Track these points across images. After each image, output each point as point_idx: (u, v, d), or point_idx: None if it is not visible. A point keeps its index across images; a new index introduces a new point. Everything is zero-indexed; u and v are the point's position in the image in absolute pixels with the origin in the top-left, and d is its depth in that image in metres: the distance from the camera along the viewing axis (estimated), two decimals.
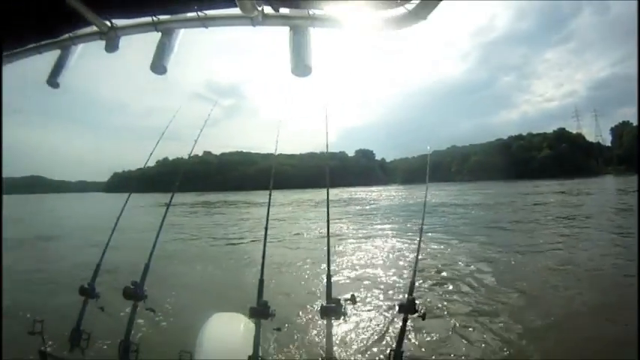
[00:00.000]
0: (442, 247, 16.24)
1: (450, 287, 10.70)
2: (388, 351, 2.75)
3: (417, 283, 3.11)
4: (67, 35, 2.36)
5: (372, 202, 51.42)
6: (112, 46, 2.25)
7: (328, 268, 3.20)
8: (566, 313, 8.30)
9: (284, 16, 2.00)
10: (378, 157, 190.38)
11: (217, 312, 3.68)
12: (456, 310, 8.96)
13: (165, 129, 4.32)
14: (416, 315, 2.89)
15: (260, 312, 2.80)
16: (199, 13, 2.05)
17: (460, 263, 13.36)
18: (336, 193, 73.41)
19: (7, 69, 2.73)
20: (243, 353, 3.01)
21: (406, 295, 3.02)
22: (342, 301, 2.74)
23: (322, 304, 2.79)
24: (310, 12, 1.93)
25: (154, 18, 2.16)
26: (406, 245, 17.60)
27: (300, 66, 1.93)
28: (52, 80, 2.44)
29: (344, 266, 13.62)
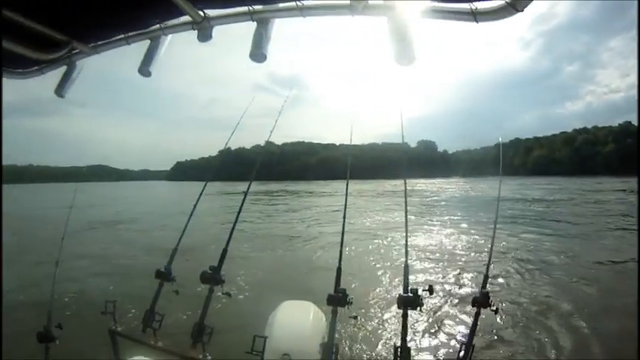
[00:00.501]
0: (509, 241, 15.86)
1: (519, 282, 10.51)
2: (459, 343, 2.68)
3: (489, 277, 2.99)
4: (157, 26, 2.42)
5: (434, 194, 50.66)
6: (205, 36, 2.29)
7: (406, 258, 3.12)
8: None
9: (383, 6, 1.97)
10: (440, 149, 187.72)
11: (288, 299, 3.65)
12: (527, 306, 8.76)
13: (237, 123, 4.31)
14: (489, 309, 2.81)
15: (337, 299, 2.75)
16: (298, 3, 2.05)
17: (528, 258, 13.03)
18: (395, 184, 72.64)
19: (89, 61, 2.82)
20: (313, 341, 2.99)
21: (479, 289, 2.94)
22: (419, 291, 2.65)
23: (400, 294, 2.69)
24: (409, 3, 1.91)
25: (250, 8, 2.18)
26: (474, 237, 17.51)
27: (405, 55, 1.90)
28: (144, 69, 2.50)
29: (416, 257, 13.59)
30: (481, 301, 2.80)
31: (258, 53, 2.20)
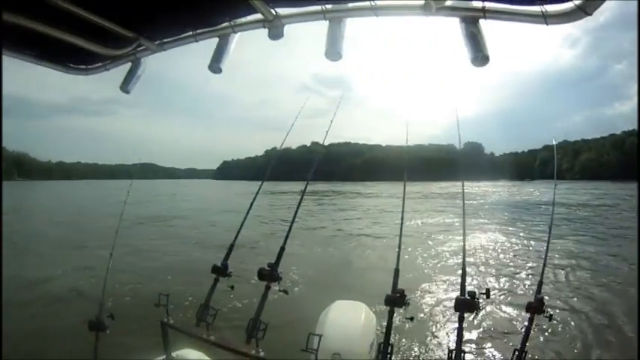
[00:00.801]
0: (561, 246, 15.45)
1: (573, 288, 10.29)
2: (512, 349, 2.63)
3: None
4: (227, 23, 2.45)
5: (481, 197, 49.75)
6: (276, 34, 2.32)
7: (464, 262, 3.10)
8: None
9: (457, 7, 1.97)
10: (486, 151, 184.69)
11: (339, 298, 3.64)
12: (582, 314, 8.55)
13: (290, 128, 4.30)
14: (542, 315, 2.74)
15: (395, 300, 2.70)
16: (371, 3, 2.05)
17: (583, 265, 12.82)
18: (441, 186, 71.86)
19: (150, 60, 2.88)
20: (364, 342, 3.04)
21: (534, 294, 2.87)
22: (477, 295, 2.62)
23: (457, 296, 2.67)
24: (481, 4, 1.89)
25: (323, 7, 2.18)
26: (524, 241, 17.30)
27: (479, 57, 1.91)
28: (215, 66, 2.53)
29: (468, 260, 13.36)
30: (535, 306, 2.74)
31: (334, 52, 2.21)
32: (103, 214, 26.95)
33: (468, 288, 2.67)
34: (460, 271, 2.95)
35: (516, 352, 2.60)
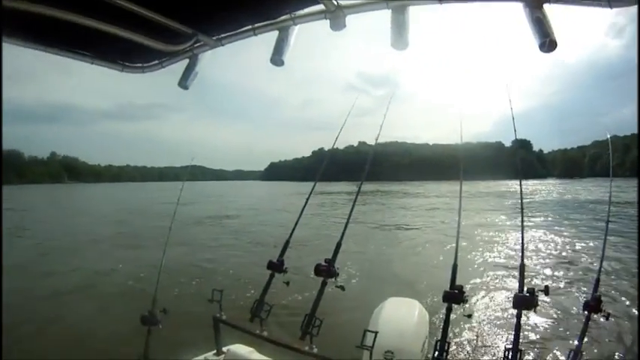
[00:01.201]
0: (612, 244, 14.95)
1: (629, 287, 9.92)
2: (568, 349, 2.56)
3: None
4: (287, 15, 2.44)
5: (529, 196, 48.62)
6: (338, 25, 2.30)
7: (522, 258, 2.97)
8: None
9: None
10: (535, 148, 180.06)
11: (392, 295, 3.62)
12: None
13: (341, 128, 4.27)
14: (600, 315, 2.62)
15: (454, 296, 2.62)
16: None
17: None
18: (489, 185, 70.59)
19: (206, 56, 2.91)
20: (417, 340, 3.02)
21: (591, 292, 2.76)
22: (536, 291, 2.52)
23: (516, 293, 2.58)
24: None
25: None
26: (577, 239, 17.12)
27: (546, 42, 1.86)
28: (277, 58, 2.52)
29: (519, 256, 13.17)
30: (592, 305, 2.63)
31: (400, 41, 2.18)
32: (156, 214, 27.56)
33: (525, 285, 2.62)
34: (517, 268, 2.88)
35: (572, 353, 2.50)
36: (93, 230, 22.48)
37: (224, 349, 3.42)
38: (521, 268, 2.81)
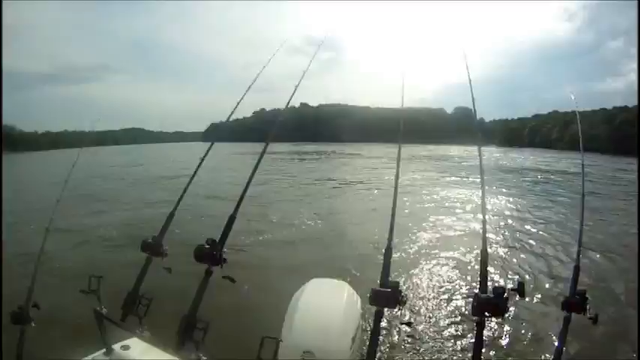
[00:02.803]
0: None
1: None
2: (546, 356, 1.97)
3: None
4: None
5: (463, 159, 48.95)
6: None
7: (485, 253, 2.06)
8: None
9: None
10: (477, 117, 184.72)
11: (316, 277, 3.07)
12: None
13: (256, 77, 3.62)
14: (583, 315, 2.07)
15: (384, 297, 1.89)
16: None
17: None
18: (430, 149, 71.65)
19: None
20: (344, 333, 2.48)
21: (571, 288, 2.20)
22: (506, 292, 1.84)
23: (477, 294, 1.88)
24: None
25: None
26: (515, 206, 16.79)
27: None
28: None
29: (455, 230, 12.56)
30: (574, 303, 2.10)
31: None
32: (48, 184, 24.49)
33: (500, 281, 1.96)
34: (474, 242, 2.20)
35: None
36: None
37: (115, 346, 2.71)
38: (483, 265, 2.02)
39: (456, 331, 6.43)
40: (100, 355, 2.73)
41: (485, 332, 1.91)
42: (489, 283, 1.93)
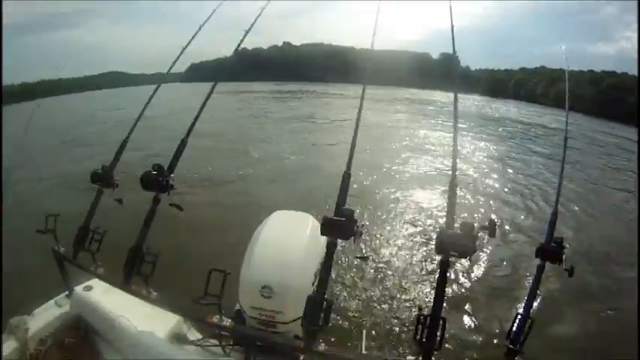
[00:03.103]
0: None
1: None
2: (514, 312, 1.86)
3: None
4: None
5: (445, 105, 49.08)
6: None
7: (453, 186, 1.90)
8: None
9: None
10: (462, 64, 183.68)
11: (279, 209, 2.85)
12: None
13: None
14: (559, 265, 1.96)
15: (336, 226, 1.81)
16: None
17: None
18: (412, 92, 71.30)
19: None
20: (306, 268, 2.32)
21: (547, 235, 2.09)
22: (476, 230, 1.67)
23: (442, 230, 1.71)
24: None
25: None
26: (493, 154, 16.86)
27: None
28: None
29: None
30: (549, 251, 1.97)
31: None
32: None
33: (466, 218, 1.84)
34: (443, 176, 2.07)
35: (519, 317, 1.87)
36: None
37: (77, 288, 2.70)
38: (452, 191, 1.86)
39: (420, 269, 6.35)
40: (61, 298, 2.75)
41: (452, 275, 1.77)
42: (457, 221, 1.74)
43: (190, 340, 2.53)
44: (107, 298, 2.61)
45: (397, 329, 5.11)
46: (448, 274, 1.74)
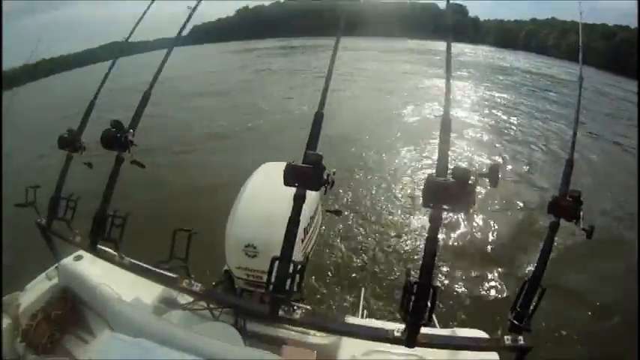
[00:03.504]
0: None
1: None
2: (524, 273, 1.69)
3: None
4: None
5: (456, 55, 48.55)
6: None
7: (446, 125, 1.56)
8: None
9: None
10: (471, 14, 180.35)
11: (268, 161, 2.80)
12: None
13: None
14: (575, 224, 1.64)
15: (306, 176, 1.56)
16: None
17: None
18: (421, 43, 70.54)
19: None
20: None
21: (560, 189, 1.77)
22: (473, 177, 1.34)
23: (430, 177, 1.39)
24: None
25: None
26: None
27: None
28: None
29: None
30: (564, 206, 1.67)
31: None
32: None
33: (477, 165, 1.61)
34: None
35: (526, 286, 1.64)
36: None
37: (67, 258, 2.67)
38: (444, 130, 1.54)
39: (405, 219, 6.04)
40: (52, 271, 2.75)
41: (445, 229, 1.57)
42: (450, 166, 1.41)
43: (181, 304, 2.51)
44: (94, 267, 2.55)
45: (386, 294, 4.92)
46: (440, 233, 1.44)
